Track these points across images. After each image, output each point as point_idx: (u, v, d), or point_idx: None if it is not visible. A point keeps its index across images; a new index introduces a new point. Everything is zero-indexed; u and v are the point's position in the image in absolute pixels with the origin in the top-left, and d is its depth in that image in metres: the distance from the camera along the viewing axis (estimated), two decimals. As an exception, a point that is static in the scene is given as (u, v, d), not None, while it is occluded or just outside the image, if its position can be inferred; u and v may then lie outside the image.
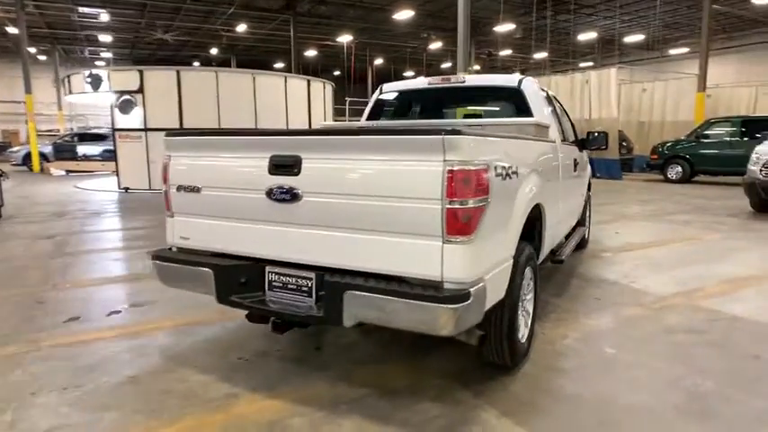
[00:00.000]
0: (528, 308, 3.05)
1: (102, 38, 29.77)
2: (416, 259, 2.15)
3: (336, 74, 37.59)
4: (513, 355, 2.79)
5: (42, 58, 33.22)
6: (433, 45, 30.06)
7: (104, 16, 24.59)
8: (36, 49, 31.30)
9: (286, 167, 2.38)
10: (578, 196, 5.06)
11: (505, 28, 24.36)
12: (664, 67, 25.63)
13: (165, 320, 3.76)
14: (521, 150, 2.82)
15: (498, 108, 4.16)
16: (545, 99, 4.04)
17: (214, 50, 33.31)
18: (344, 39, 28.23)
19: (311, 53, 31.94)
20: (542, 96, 3.98)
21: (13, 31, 22.41)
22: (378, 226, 2.22)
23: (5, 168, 11.25)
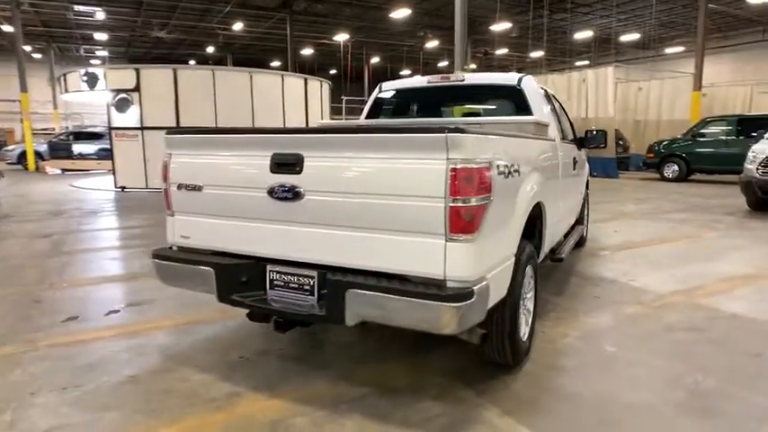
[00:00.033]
0: (529, 306, 3.04)
1: (98, 36, 29.65)
2: (419, 258, 2.15)
3: (333, 72, 37.54)
4: (515, 354, 2.79)
5: (37, 56, 33.05)
6: (430, 44, 30.07)
7: (100, 14, 24.53)
8: (31, 48, 31.15)
9: (288, 166, 2.36)
10: (577, 194, 5.07)
11: (502, 27, 24.39)
12: (659, 66, 25.70)
13: (163, 319, 3.75)
14: (522, 149, 2.82)
15: (498, 106, 4.15)
16: (544, 97, 4.03)
17: (210, 49, 33.22)
18: (341, 37, 28.21)
19: (308, 52, 31.90)
20: (542, 95, 3.97)
21: (9, 29, 22.26)
22: (380, 224, 2.21)
23: (0, 167, 11.17)
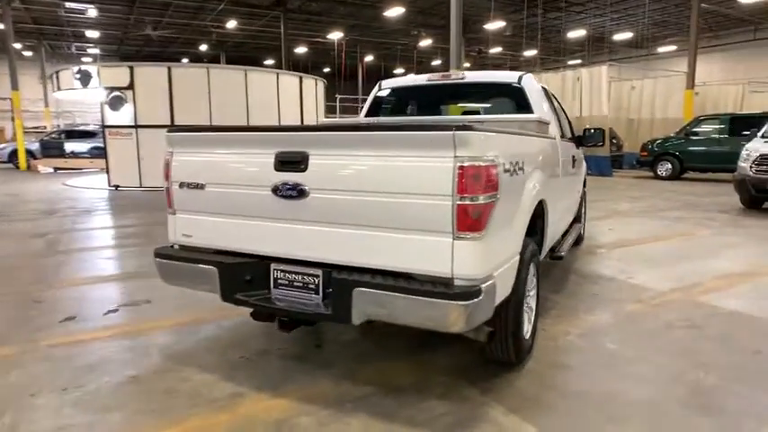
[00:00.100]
0: (531, 304, 3.04)
1: (90, 34, 29.37)
2: (426, 256, 2.14)
3: (326, 71, 37.46)
4: (518, 352, 2.79)
5: (28, 54, 32.71)
6: (424, 42, 30.06)
7: (92, 12, 24.27)
8: (22, 45, 30.80)
9: (293, 164, 2.35)
10: (576, 192, 5.08)
11: (496, 25, 24.41)
12: (652, 65, 25.86)
13: (162, 319, 3.72)
14: (526, 147, 2.82)
15: (499, 105, 4.15)
16: (545, 96, 4.04)
17: (203, 47, 33.02)
18: (335, 36, 28.15)
19: (301, 50, 31.80)
20: (542, 93, 3.98)
21: (-2, 26, 22.03)
22: (386, 222, 2.20)
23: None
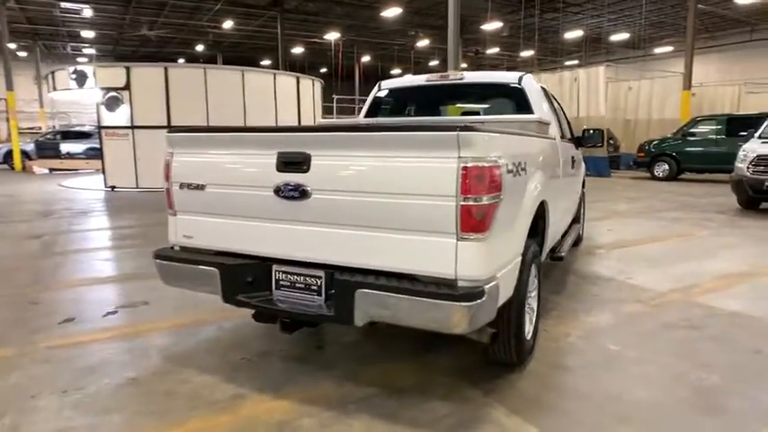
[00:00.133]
0: (533, 305, 3.04)
1: (85, 34, 29.24)
2: (429, 257, 2.13)
3: (323, 71, 37.41)
4: (520, 353, 2.78)
5: (23, 54, 32.52)
6: (421, 43, 30.06)
7: (87, 12, 24.15)
8: (16, 46, 30.62)
9: (295, 164, 2.34)
10: (575, 193, 5.08)
11: (493, 26, 24.44)
12: (649, 66, 25.90)
13: (162, 321, 3.70)
14: (528, 147, 2.82)
15: (499, 105, 4.14)
16: (544, 96, 4.04)
17: (200, 47, 32.94)
18: (332, 36, 28.12)
19: (298, 50, 31.76)
20: (542, 93, 3.98)
21: (-7, 26, 21.88)
22: (389, 223, 2.19)
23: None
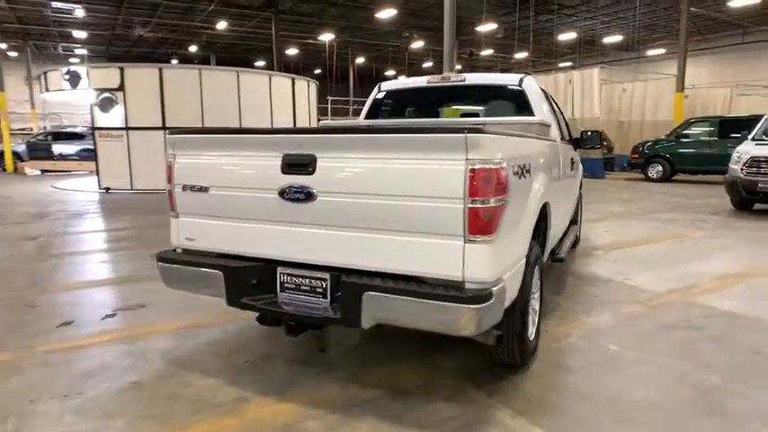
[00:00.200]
0: (535, 306, 3.05)
1: (77, 34, 29.01)
2: (437, 259, 2.13)
3: (317, 72, 37.38)
4: (523, 354, 2.79)
5: (13, 54, 32.26)
6: (415, 44, 30.09)
7: (79, 12, 23.97)
8: (7, 46, 30.40)
9: (300, 166, 2.33)
10: (573, 195, 5.11)
11: (488, 28, 24.50)
12: (642, 68, 26.09)
13: (161, 323, 3.67)
14: (532, 149, 2.83)
15: (499, 107, 4.15)
16: (544, 98, 4.05)
17: (193, 48, 32.79)
18: (326, 37, 28.08)
19: (292, 51, 31.69)
20: (542, 95, 3.99)
21: (-16, 26, 21.73)
22: (396, 226, 2.18)
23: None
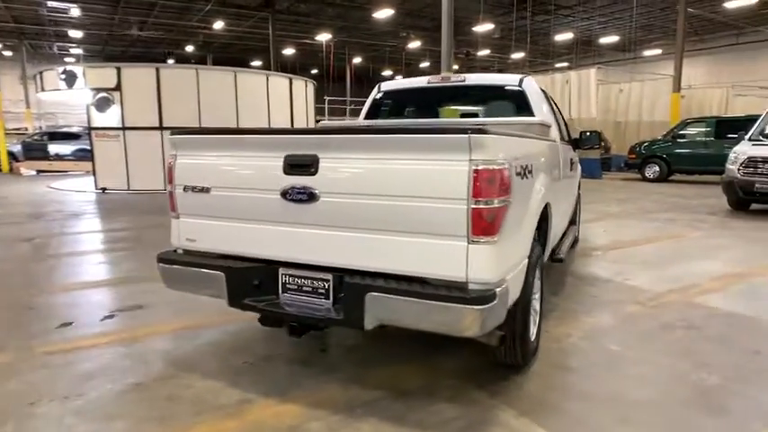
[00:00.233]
0: (536, 307, 3.05)
1: (73, 33, 28.90)
2: (440, 260, 2.12)
3: (314, 72, 37.34)
4: (525, 355, 2.79)
5: (8, 53, 32.12)
6: (412, 44, 30.11)
7: (75, 11, 23.89)
8: (2, 45, 30.26)
9: (302, 167, 2.32)
10: (573, 195, 5.11)
11: (485, 28, 24.54)
12: (638, 69, 26.17)
13: (161, 324, 3.66)
14: (533, 149, 2.83)
15: (499, 107, 4.15)
16: (545, 98, 4.06)
17: (189, 48, 32.71)
18: (323, 37, 28.06)
19: (289, 51, 31.65)
20: (542, 96, 4.00)
21: (-21, 25, 21.62)
22: (399, 226, 2.18)
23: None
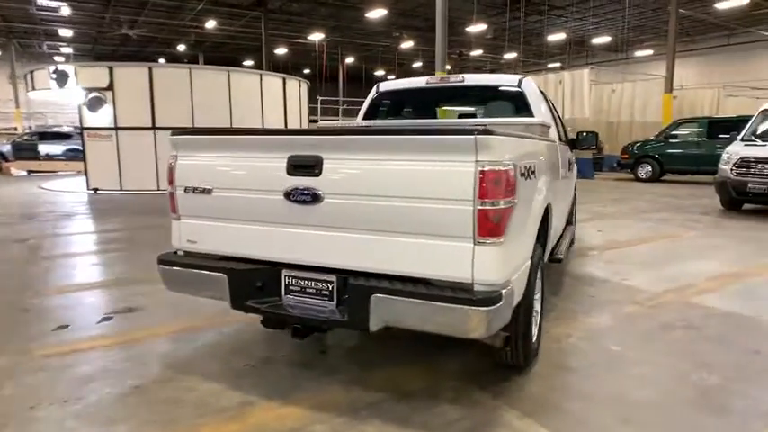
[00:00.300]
0: (537, 307, 3.05)
1: (63, 32, 28.62)
2: (446, 261, 2.12)
3: (307, 72, 37.26)
4: (527, 355, 2.79)
5: (-3, 52, 31.79)
6: (405, 44, 30.11)
7: (65, 10, 23.65)
8: (-9, 44, 29.94)
9: (306, 168, 2.30)
10: (570, 196, 5.13)
11: (478, 28, 24.58)
12: (630, 69, 26.34)
13: (159, 326, 3.63)
14: (536, 150, 2.83)
15: (498, 108, 4.15)
16: (543, 99, 4.06)
17: (181, 47, 32.51)
18: (316, 37, 28.00)
19: (282, 51, 31.55)
20: (541, 96, 4.00)
21: (-32, 24, 21.36)
22: (404, 228, 2.17)
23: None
